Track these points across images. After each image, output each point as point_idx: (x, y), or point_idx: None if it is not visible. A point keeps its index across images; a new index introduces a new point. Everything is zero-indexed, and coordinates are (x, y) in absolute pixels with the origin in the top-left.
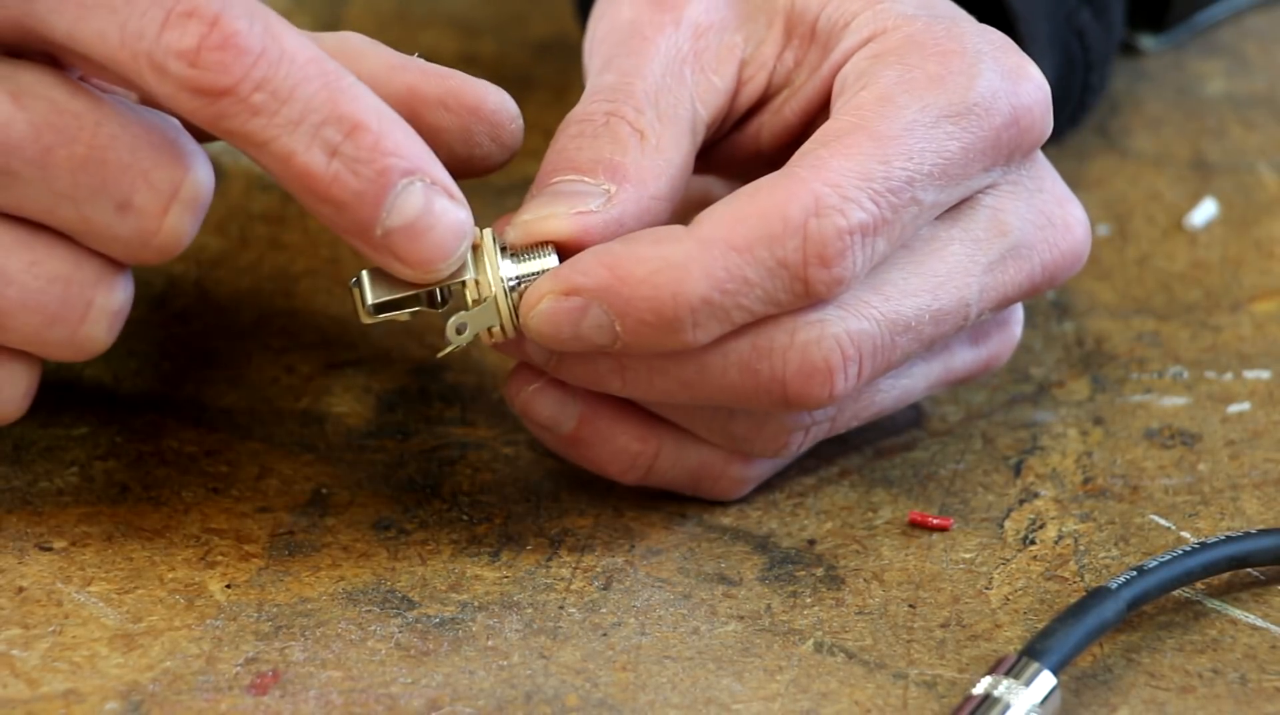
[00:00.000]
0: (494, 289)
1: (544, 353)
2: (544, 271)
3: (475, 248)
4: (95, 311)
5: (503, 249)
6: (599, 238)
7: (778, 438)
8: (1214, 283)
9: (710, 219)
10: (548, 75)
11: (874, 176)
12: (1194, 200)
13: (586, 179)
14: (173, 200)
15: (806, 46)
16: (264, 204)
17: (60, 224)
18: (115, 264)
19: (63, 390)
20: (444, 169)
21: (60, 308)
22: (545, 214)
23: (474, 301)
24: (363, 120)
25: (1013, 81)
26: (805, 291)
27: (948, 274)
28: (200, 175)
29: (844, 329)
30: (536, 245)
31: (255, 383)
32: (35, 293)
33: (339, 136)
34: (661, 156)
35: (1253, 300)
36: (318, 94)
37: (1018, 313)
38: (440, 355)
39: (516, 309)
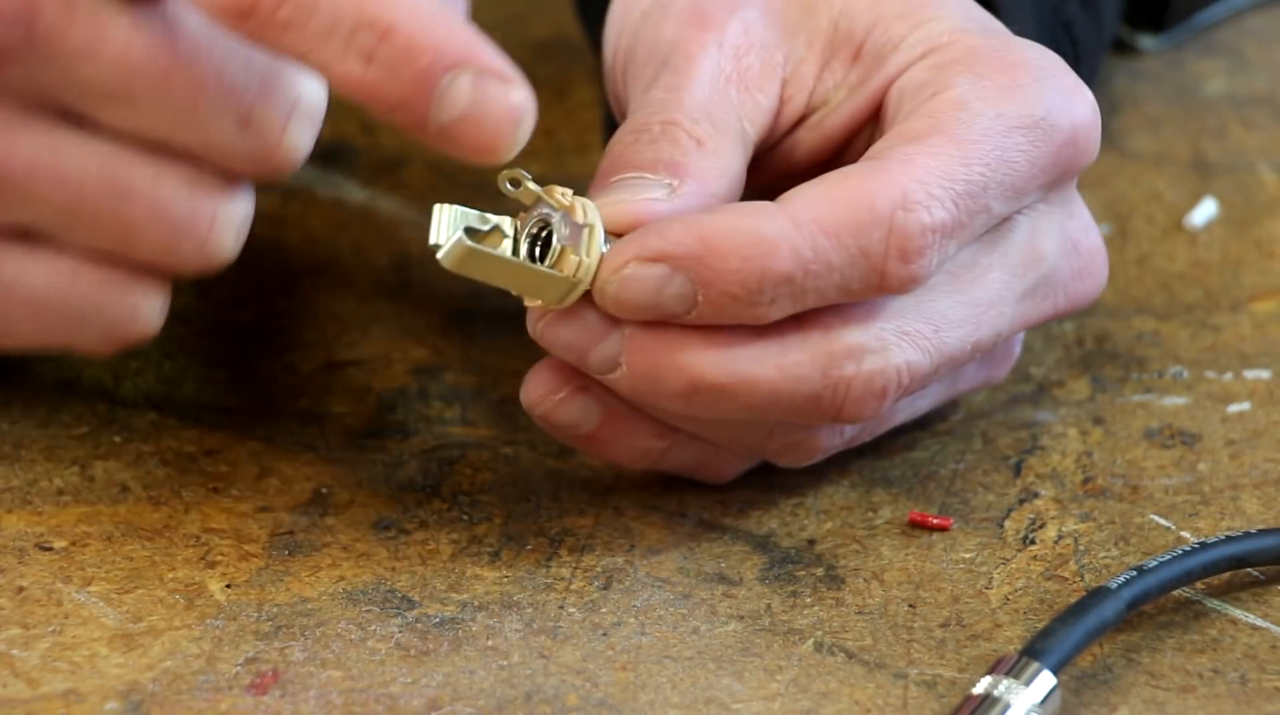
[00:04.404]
0: (591, 258)
1: (611, 346)
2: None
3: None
4: (221, 220)
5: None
6: None
7: (809, 455)
8: (1214, 283)
9: (801, 198)
10: (548, 75)
11: (956, 178)
12: (1194, 200)
13: (648, 175)
14: (293, 112)
15: (848, 66)
16: (264, 204)
17: (183, 143)
18: (235, 176)
19: (63, 390)
20: (493, 52)
21: (187, 219)
22: (610, 200)
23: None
24: (394, 21)
25: (1070, 100)
26: (880, 283)
27: (988, 303)
28: (315, 85)
29: (904, 360)
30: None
31: (255, 383)
32: (163, 206)
33: (373, 41)
34: (720, 162)
35: (1253, 300)
36: (344, 0)
37: (1020, 334)
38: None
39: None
